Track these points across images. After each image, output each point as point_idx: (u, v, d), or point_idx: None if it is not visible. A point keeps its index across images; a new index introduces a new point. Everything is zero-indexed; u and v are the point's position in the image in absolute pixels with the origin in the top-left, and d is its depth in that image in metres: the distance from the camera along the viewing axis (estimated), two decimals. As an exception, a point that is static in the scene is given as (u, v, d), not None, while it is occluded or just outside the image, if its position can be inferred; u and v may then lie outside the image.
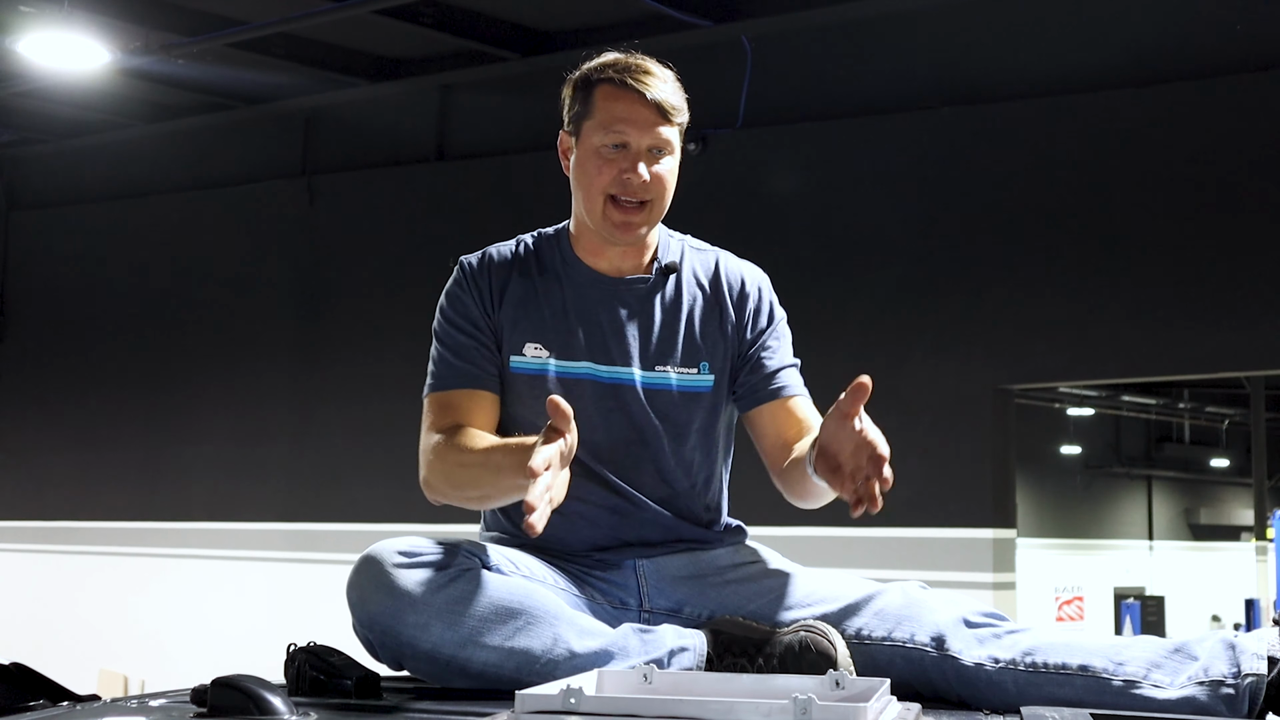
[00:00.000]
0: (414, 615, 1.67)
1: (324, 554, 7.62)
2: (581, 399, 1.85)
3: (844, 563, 5.88)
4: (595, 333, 1.89)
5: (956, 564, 5.69)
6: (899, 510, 5.84)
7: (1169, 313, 5.50)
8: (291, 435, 7.91)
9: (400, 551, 1.71)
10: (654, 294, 1.93)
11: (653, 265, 1.95)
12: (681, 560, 1.90)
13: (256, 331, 8.13)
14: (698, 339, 1.93)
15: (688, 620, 1.86)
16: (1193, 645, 1.70)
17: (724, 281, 1.97)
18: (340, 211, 7.87)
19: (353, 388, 7.63)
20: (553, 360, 1.88)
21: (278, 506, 7.85)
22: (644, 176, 1.83)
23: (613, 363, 1.88)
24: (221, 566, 8.00)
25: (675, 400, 1.90)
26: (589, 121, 1.87)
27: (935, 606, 1.80)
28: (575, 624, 1.71)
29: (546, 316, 1.90)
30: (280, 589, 7.79)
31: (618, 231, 1.87)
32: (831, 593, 1.86)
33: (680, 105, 1.87)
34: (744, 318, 1.96)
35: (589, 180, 1.86)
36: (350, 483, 7.49)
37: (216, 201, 8.40)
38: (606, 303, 1.91)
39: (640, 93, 1.83)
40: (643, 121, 1.84)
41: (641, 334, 1.91)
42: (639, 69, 1.87)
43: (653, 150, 1.85)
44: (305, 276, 8.01)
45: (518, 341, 1.89)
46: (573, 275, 1.93)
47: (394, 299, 7.49)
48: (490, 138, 7.38)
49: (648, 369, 1.89)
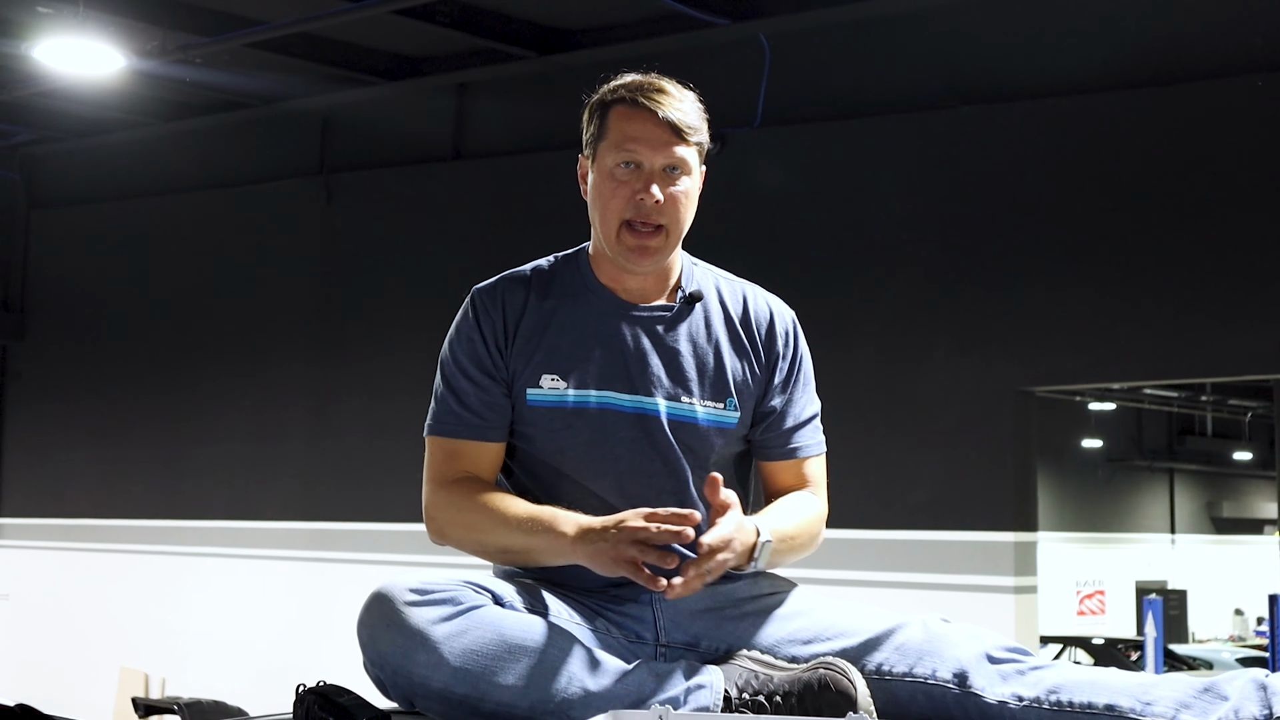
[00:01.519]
0: (425, 654, 1.64)
1: (343, 553, 7.62)
2: (601, 429, 1.82)
3: (863, 566, 5.85)
4: (616, 360, 1.85)
5: (977, 568, 5.65)
6: (919, 513, 5.81)
7: (1193, 314, 5.44)
8: (310, 433, 7.91)
9: (411, 589, 1.68)
10: (678, 323, 1.89)
11: (676, 293, 1.91)
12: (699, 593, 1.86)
13: (274, 330, 8.14)
14: (726, 374, 1.89)
15: (705, 654, 1.83)
16: (1222, 685, 1.66)
17: (752, 317, 1.93)
18: (357, 210, 7.87)
19: (371, 386, 7.62)
20: (571, 390, 1.84)
21: (297, 505, 7.85)
22: (657, 197, 1.80)
23: (635, 391, 1.84)
24: (241, 565, 8.02)
25: (701, 433, 1.86)
26: (603, 143, 1.84)
27: (958, 641, 1.77)
28: (589, 661, 1.68)
29: (564, 345, 1.86)
30: (300, 588, 7.79)
31: (633, 257, 1.83)
32: (852, 626, 1.82)
33: (697, 125, 1.83)
34: (772, 358, 1.93)
35: (604, 203, 1.83)
36: (369, 481, 7.49)
37: (234, 200, 8.41)
38: (628, 329, 1.87)
39: (653, 111, 1.80)
40: (655, 140, 1.80)
41: (666, 363, 1.86)
42: (653, 88, 1.83)
43: (667, 170, 1.81)
44: (322, 275, 8.01)
45: (533, 374, 1.85)
46: (593, 300, 1.89)
47: (411, 297, 7.48)
48: (507, 136, 7.36)
49: (673, 400, 1.86)
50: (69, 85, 7.40)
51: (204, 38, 6.73)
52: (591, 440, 1.82)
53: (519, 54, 6.83)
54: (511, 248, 7.22)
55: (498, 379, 1.86)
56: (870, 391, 5.96)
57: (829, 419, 2.00)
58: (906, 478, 5.89)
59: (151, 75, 7.26)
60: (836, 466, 2.01)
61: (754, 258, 6.43)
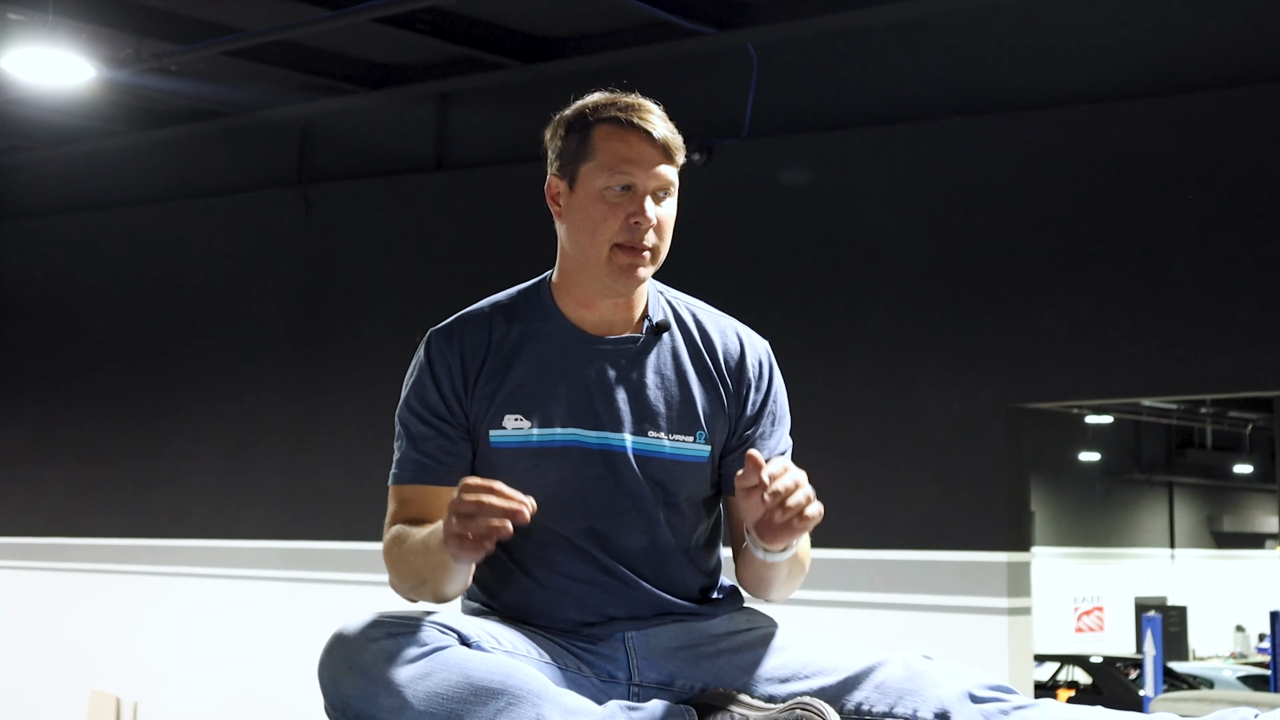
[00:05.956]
0: (389, 698, 1.62)
1: (320, 573, 7.59)
2: (567, 468, 1.81)
3: (851, 586, 5.83)
4: (581, 396, 1.84)
5: (970, 589, 5.64)
6: (910, 532, 5.80)
7: (1188, 328, 5.44)
8: (287, 451, 7.88)
9: (372, 627, 1.67)
10: (645, 354, 1.88)
11: (643, 323, 1.90)
12: (672, 631, 1.85)
13: (251, 345, 8.11)
14: (695, 407, 1.88)
15: (679, 694, 1.81)
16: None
17: (720, 348, 1.91)
18: (337, 222, 7.85)
19: (349, 402, 7.60)
20: (535, 430, 1.83)
21: (273, 524, 7.82)
22: (652, 220, 1.81)
23: (601, 428, 1.83)
24: (216, 585, 7.98)
25: (669, 468, 1.85)
26: (588, 164, 1.82)
27: (939, 679, 1.76)
28: (560, 703, 1.67)
29: (527, 383, 1.85)
30: (275, 609, 7.75)
31: (624, 276, 1.82)
32: (830, 663, 1.81)
33: (681, 144, 1.85)
34: (743, 390, 1.91)
35: (592, 227, 1.82)
36: (347, 500, 7.46)
37: (210, 212, 8.38)
38: (593, 363, 1.86)
39: (647, 131, 1.81)
40: (649, 161, 1.81)
41: (632, 397, 1.85)
42: (641, 107, 1.84)
43: (657, 192, 1.82)
44: (301, 289, 7.99)
45: (496, 415, 1.84)
46: (556, 334, 1.87)
47: (391, 312, 7.46)
48: (490, 147, 7.35)
49: (639, 434, 1.84)
50: (39, 95, 7.37)
51: (179, 45, 6.71)
52: (558, 480, 1.81)
53: (502, 62, 6.82)
54: (495, 260, 7.25)
55: (454, 423, 1.85)
56: (859, 408, 5.95)
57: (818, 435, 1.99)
58: (897, 497, 5.89)
59: (124, 84, 7.23)
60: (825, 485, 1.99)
61: (739, 272, 6.43)
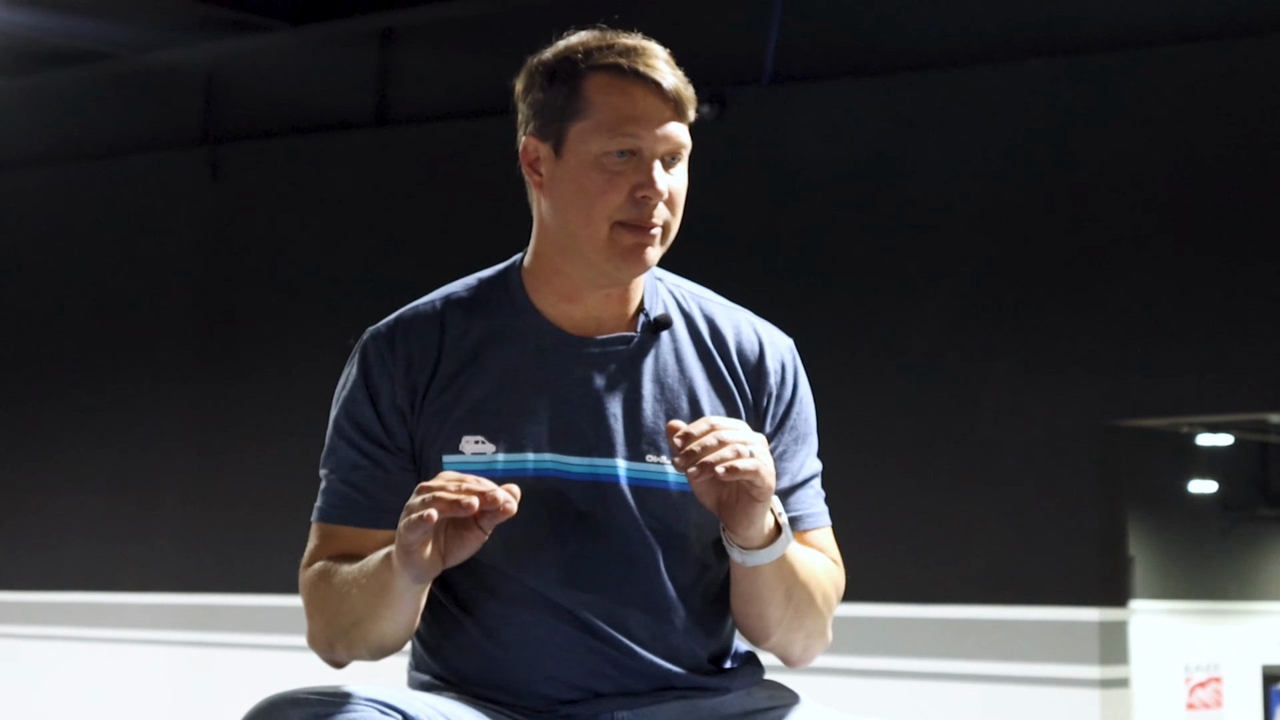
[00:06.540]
0: (315, 793, 1.64)
1: (231, 635, 7.59)
2: (542, 504, 1.80)
3: (903, 651, 5.85)
4: (561, 412, 1.84)
5: (1051, 654, 5.66)
6: (975, 584, 5.82)
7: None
8: (191, 477, 7.91)
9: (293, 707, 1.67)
10: (641, 357, 1.88)
11: (639, 319, 1.90)
12: (675, 710, 1.85)
13: (143, 345, 8.14)
14: None
15: (682, 787, 1.82)
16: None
17: (734, 348, 1.92)
18: (251, 191, 7.88)
19: (269, 413, 7.62)
20: (500, 455, 1.82)
21: (171, 573, 7.83)
22: (663, 191, 1.80)
23: (587, 452, 1.83)
24: (95, 650, 7.98)
25: (673, 502, 1.84)
26: (580, 123, 1.81)
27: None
28: (527, 803, 1.68)
29: (491, 397, 1.84)
30: (172, 681, 7.77)
31: (627, 260, 1.82)
32: (866, 753, 1.82)
33: (694, 96, 1.85)
34: (762, 397, 1.91)
35: (588, 201, 1.81)
36: (265, 543, 7.46)
37: (94, 176, 8.42)
38: (577, 370, 1.85)
39: (654, 81, 1.80)
40: (656, 119, 1.80)
41: (626, 412, 1.85)
42: (645, 51, 1.83)
43: (666, 156, 1.82)
44: (208, 271, 8.02)
45: (450, 437, 1.83)
46: (528, 334, 1.87)
47: (320, 305, 7.47)
48: (444, 97, 7.38)
49: (635, 459, 1.84)
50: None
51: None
52: (530, 518, 1.79)
53: (460, -10, 6.86)
54: (451, 241, 7.27)
55: (393, 449, 1.85)
56: (911, 427, 5.95)
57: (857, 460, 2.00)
58: (960, 538, 5.90)
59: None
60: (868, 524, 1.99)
61: (759, 251, 6.44)
